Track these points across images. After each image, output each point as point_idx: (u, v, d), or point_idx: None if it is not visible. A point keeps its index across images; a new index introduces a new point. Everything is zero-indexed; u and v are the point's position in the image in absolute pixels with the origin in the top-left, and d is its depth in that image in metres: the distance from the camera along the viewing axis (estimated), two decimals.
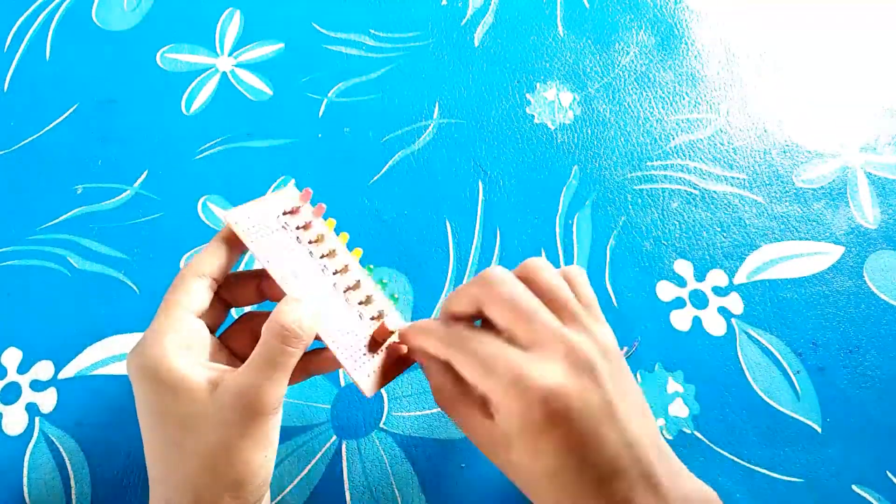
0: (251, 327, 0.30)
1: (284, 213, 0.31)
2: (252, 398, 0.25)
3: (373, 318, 0.31)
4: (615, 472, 0.24)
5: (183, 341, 0.26)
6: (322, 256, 0.31)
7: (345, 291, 0.31)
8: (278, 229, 0.30)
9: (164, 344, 0.26)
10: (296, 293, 0.28)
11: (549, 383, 0.24)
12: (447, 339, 0.27)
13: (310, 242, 0.31)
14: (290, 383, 0.29)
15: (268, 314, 0.27)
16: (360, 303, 0.31)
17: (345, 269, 0.31)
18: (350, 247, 0.33)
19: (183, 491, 0.25)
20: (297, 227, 0.31)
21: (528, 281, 0.28)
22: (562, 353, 0.25)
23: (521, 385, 0.24)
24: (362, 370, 0.29)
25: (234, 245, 0.29)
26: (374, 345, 0.30)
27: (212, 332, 0.29)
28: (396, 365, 0.31)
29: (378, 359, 0.30)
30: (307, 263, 0.30)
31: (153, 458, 0.26)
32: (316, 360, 0.30)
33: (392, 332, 0.30)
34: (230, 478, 0.25)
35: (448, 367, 0.28)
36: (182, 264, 0.40)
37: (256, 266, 0.32)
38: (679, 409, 0.36)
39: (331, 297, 0.30)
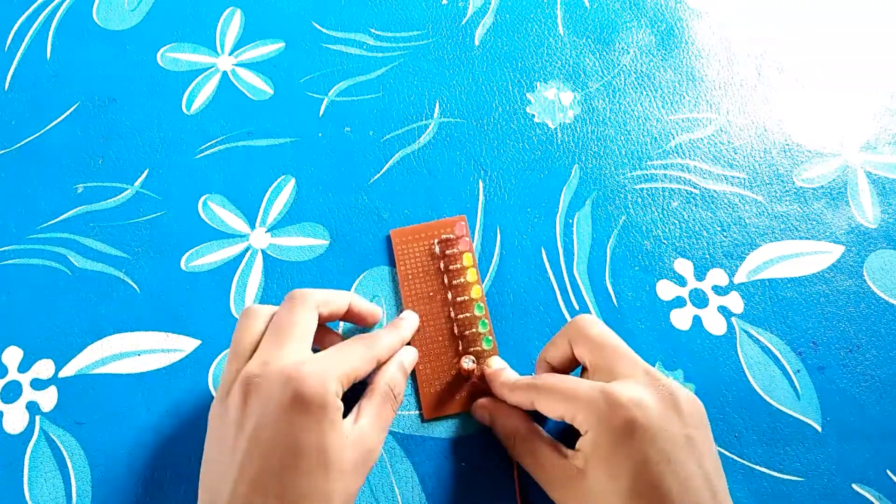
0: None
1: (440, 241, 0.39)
2: (372, 453, 0.28)
3: (467, 353, 0.36)
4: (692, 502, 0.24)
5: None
6: (454, 286, 0.37)
7: (457, 318, 0.36)
8: (428, 260, 0.38)
9: (322, 366, 0.28)
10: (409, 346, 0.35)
11: (632, 394, 0.26)
12: (528, 385, 0.30)
13: (449, 269, 0.38)
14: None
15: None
16: (465, 335, 0.36)
17: (464, 304, 0.37)
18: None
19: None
20: (446, 254, 0.38)
21: None
22: (646, 381, 0.27)
23: (602, 396, 0.26)
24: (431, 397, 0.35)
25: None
26: (457, 377, 0.35)
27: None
28: (460, 402, 0.35)
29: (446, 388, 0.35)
30: (439, 293, 0.37)
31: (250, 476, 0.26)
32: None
33: (473, 374, 0.35)
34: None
35: (520, 412, 0.31)
36: (182, 264, 0.40)
37: (401, 283, 0.38)
38: None
39: (444, 326, 0.36)
